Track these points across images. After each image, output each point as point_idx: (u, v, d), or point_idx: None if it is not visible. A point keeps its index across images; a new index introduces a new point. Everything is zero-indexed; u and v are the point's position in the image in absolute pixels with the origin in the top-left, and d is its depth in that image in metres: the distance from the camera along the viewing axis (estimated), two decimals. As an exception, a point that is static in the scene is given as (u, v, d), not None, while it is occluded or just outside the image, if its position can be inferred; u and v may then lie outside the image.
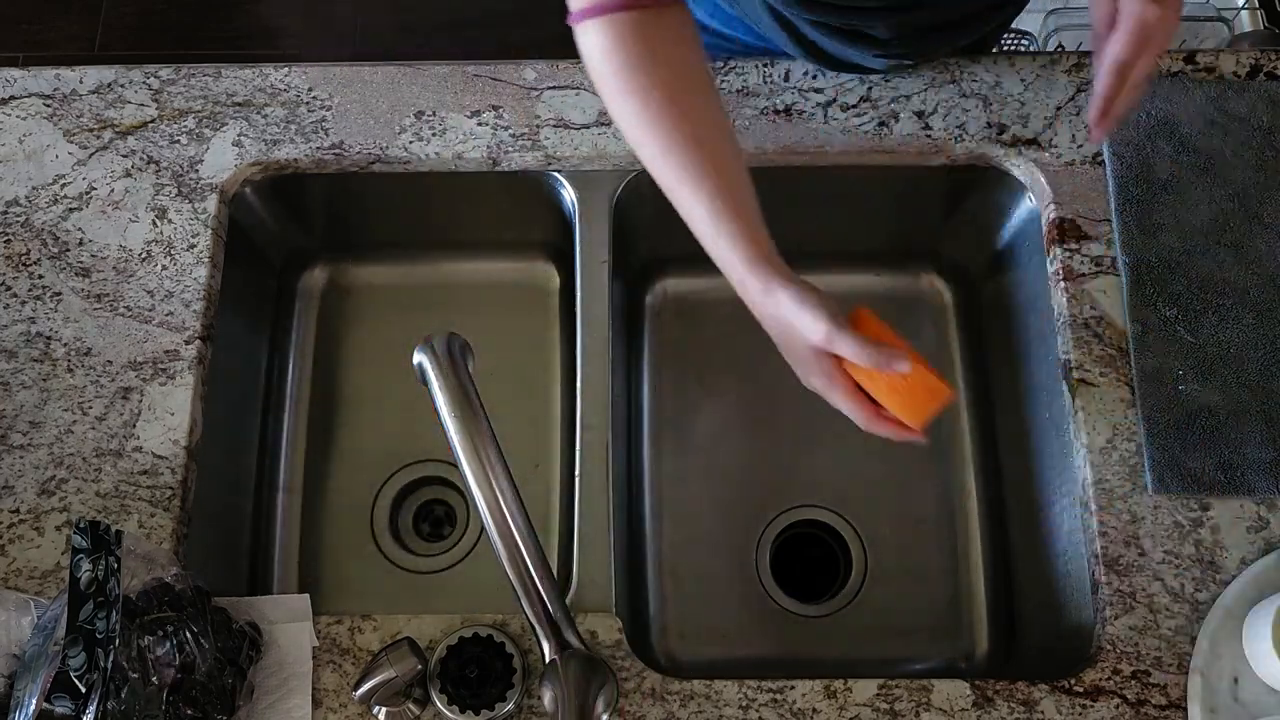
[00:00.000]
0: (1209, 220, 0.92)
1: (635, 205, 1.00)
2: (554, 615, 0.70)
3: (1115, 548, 0.83)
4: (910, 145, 0.96)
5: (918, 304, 1.13)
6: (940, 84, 0.98)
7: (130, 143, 0.97)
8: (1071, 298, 0.90)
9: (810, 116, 0.97)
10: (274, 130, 0.97)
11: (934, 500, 1.06)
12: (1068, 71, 0.98)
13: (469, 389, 0.67)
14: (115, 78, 0.99)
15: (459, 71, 0.99)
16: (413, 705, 0.78)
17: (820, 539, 1.07)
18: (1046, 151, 0.95)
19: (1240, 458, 0.85)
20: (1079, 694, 0.79)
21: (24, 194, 0.95)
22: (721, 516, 1.06)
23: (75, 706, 0.66)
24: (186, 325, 0.91)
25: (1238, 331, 0.88)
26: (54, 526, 0.85)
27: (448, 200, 1.04)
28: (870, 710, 0.79)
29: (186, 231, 0.94)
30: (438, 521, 1.08)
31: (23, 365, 0.90)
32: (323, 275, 1.13)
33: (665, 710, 0.80)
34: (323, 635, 0.82)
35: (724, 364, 1.11)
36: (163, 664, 0.72)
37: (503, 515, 0.66)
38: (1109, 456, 0.86)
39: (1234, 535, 0.83)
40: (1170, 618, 0.81)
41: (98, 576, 0.69)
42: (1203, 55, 0.98)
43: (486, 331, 1.09)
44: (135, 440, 0.87)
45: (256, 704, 0.79)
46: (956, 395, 0.89)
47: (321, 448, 1.08)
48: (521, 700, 0.79)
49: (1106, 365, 0.88)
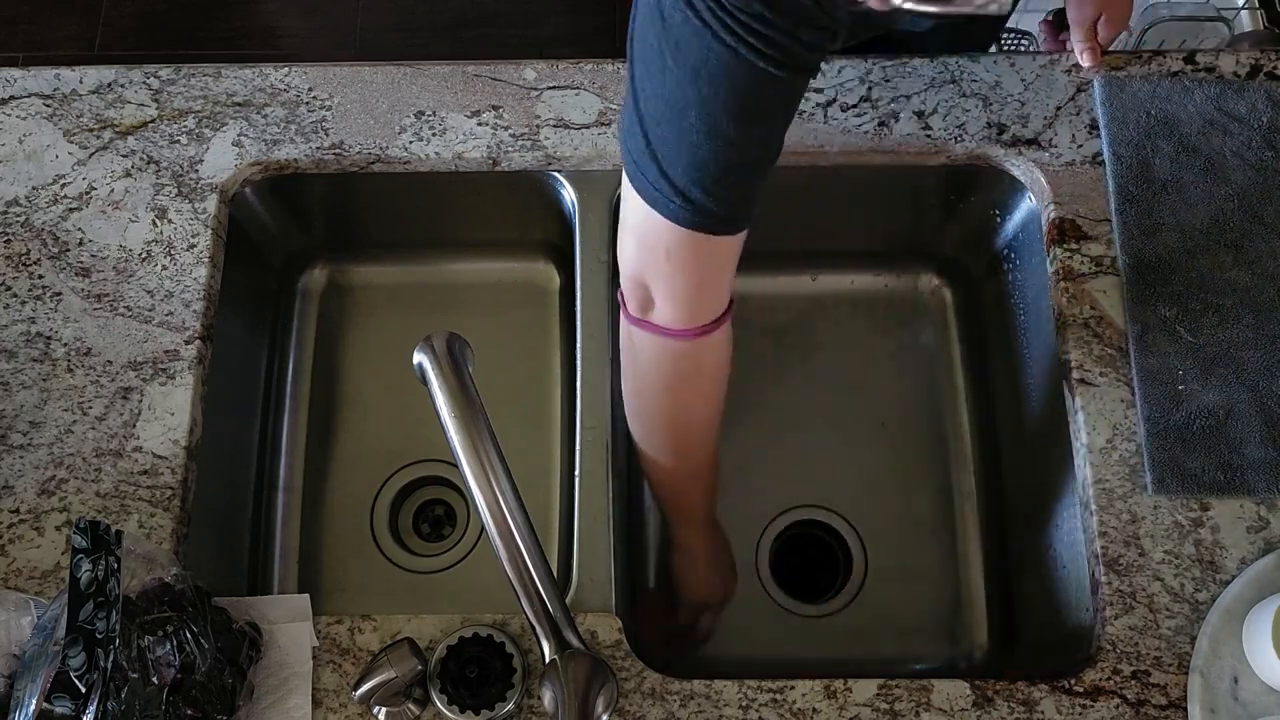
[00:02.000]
0: (1209, 220, 0.92)
1: (635, 205, 1.00)
2: (554, 615, 0.70)
3: (1115, 548, 0.83)
4: (910, 145, 0.96)
5: (918, 304, 1.13)
6: (940, 84, 0.98)
7: (130, 143, 0.97)
8: (1071, 298, 0.90)
9: (810, 116, 0.97)
10: (274, 130, 0.97)
11: (934, 500, 1.06)
12: (1068, 71, 0.98)
13: (469, 389, 0.67)
14: (115, 78, 0.99)
15: (459, 71, 0.99)
16: (413, 705, 0.78)
17: (820, 539, 1.07)
18: (1046, 151, 0.95)
19: (1240, 458, 0.85)
20: (1079, 694, 0.79)
21: (24, 194, 0.95)
22: (722, 516, 1.06)
23: (75, 706, 0.66)
24: (186, 325, 0.91)
25: (1238, 331, 0.88)
26: (54, 526, 0.85)
27: (448, 200, 1.04)
28: (870, 710, 0.79)
29: (186, 231, 0.94)
30: (438, 521, 1.08)
31: (23, 365, 0.90)
32: (323, 275, 1.13)
33: (665, 710, 0.80)
34: (323, 635, 0.82)
35: (724, 364, 1.11)
36: (163, 664, 0.72)
37: (503, 515, 0.66)
38: (1109, 456, 0.86)
39: (1234, 535, 0.83)
40: (1170, 618, 0.81)
41: (98, 576, 0.69)
42: (1203, 55, 0.98)
43: (486, 331, 1.09)
44: (135, 440, 0.87)
45: (256, 704, 0.79)
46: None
47: (321, 448, 1.08)
48: (521, 700, 0.79)
49: (1106, 365, 0.88)
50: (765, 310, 1.13)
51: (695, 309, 0.75)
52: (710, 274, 0.74)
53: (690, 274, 0.72)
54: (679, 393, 0.81)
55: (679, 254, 0.70)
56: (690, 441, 0.86)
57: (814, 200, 1.03)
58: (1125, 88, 0.96)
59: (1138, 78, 0.96)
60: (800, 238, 1.11)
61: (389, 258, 1.13)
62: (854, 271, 1.14)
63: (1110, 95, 0.96)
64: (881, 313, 1.13)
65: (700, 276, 0.73)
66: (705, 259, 0.72)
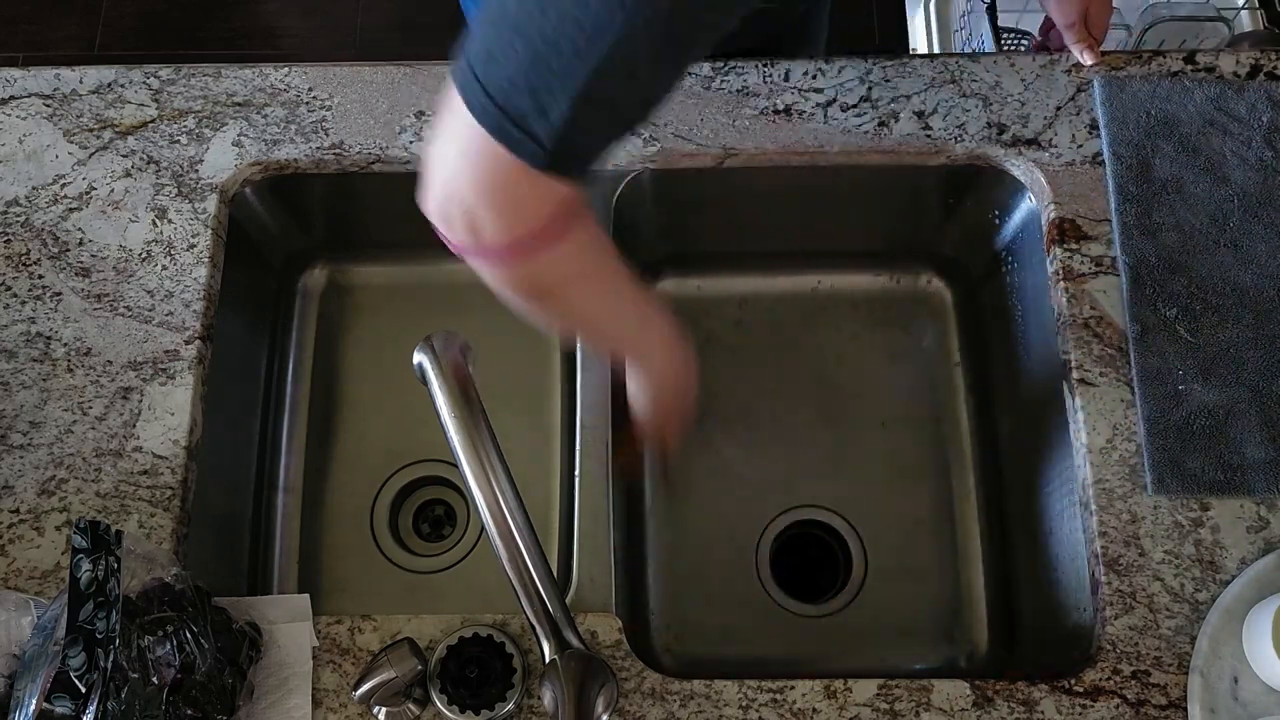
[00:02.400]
0: (1209, 220, 0.92)
1: (635, 205, 1.00)
2: (554, 615, 0.70)
3: (1115, 548, 0.83)
4: (910, 145, 0.96)
5: (918, 304, 1.13)
6: (940, 84, 0.98)
7: (130, 143, 0.97)
8: (1071, 298, 0.90)
9: (810, 116, 0.97)
10: (274, 130, 0.97)
11: (934, 500, 1.06)
12: (1068, 71, 0.98)
13: (469, 389, 0.67)
14: (115, 78, 0.99)
15: (459, 71, 0.99)
16: (413, 705, 0.78)
17: (820, 539, 1.07)
18: (1046, 151, 0.95)
19: (1240, 458, 0.85)
20: (1079, 694, 0.79)
21: (24, 194, 0.95)
22: (721, 516, 1.06)
23: (75, 706, 0.66)
24: (186, 325, 0.91)
25: (1238, 331, 0.88)
26: (54, 526, 0.85)
27: (448, 200, 1.04)
28: (870, 710, 0.79)
29: (186, 231, 0.94)
30: (438, 521, 1.08)
31: (23, 365, 0.90)
32: (323, 275, 1.13)
33: (665, 710, 0.80)
34: (323, 635, 0.82)
35: (724, 363, 1.11)
36: (163, 664, 0.72)
37: (503, 515, 0.66)
38: (1109, 456, 0.86)
39: (1234, 535, 0.83)
40: (1170, 618, 0.81)
41: (98, 576, 0.69)
42: (1203, 55, 0.98)
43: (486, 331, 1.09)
44: (135, 440, 0.87)
45: (256, 704, 0.79)
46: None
47: (321, 448, 1.08)
48: (521, 700, 0.79)
49: (1106, 365, 0.88)
50: (765, 310, 1.13)
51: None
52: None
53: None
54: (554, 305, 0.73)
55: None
56: (602, 323, 0.78)
57: (814, 200, 1.03)
58: (1125, 88, 0.96)
59: (1138, 78, 0.96)
60: (800, 238, 1.11)
61: (389, 258, 1.13)
62: (854, 271, 1.14)
63: (1110, 95, 0.96)
64: (881, 313, 1.13)
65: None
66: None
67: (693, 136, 0.96)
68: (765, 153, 0.96)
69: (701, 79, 0.98)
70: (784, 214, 1.06)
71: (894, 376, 1.10)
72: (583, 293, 0.73)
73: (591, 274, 0.72)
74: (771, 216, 1.07)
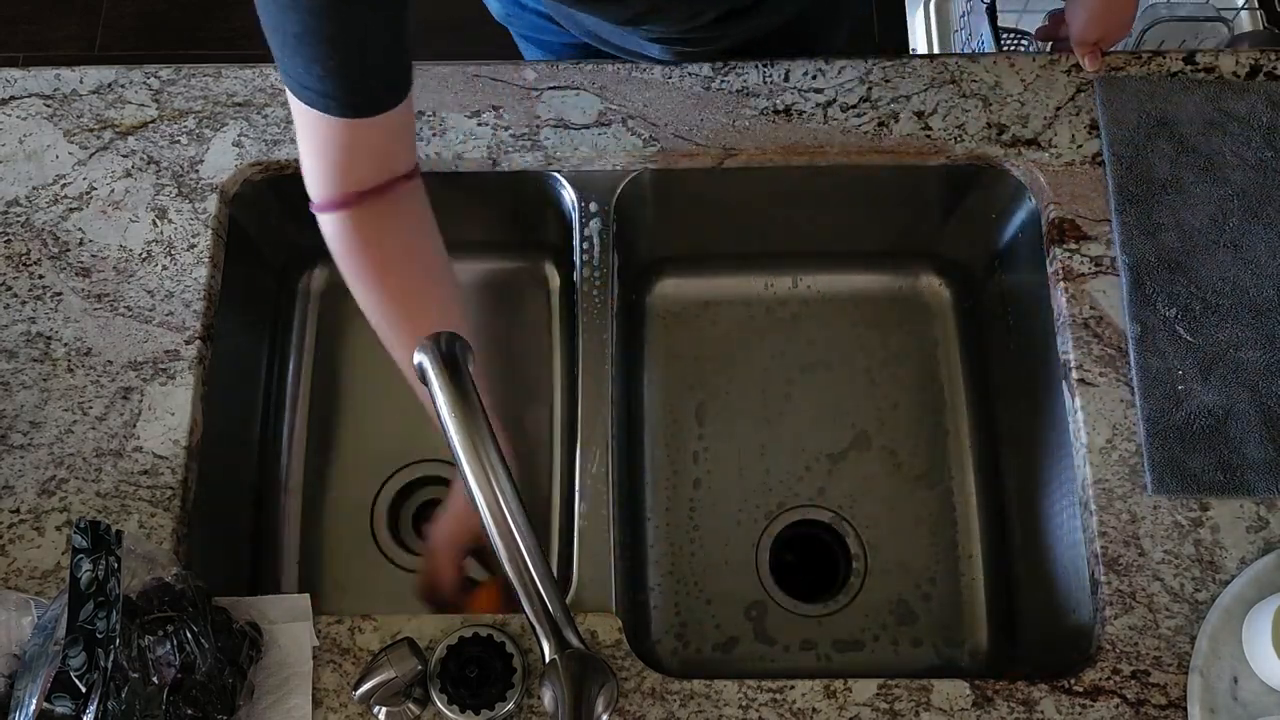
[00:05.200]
0: (1209, 220, 0.92)
1: (635, 205, 1.00)
2: (554, 615, 0.70)
3: (1115, 548, 0.83)
4: (910, 145, 0.96)
5: (918, 304, 1.13)
6: (940, 84, 0.98)
7: (130, 143, 0.97)
8: (1071, 298, 0.90)
9: (810, 116, 0.97)
10: (274, 130, 0.97)
11: (934, 500, 1.06)
12: (1067, 72, 0.98)
13: (469, 389, 0.67)
14: (115, 78, 0.99)
15: (459, 71, 0.99)
16: (413, 705, 0.78)
17: (820, 539, 1.07)
18: (1046, 151, 0.95)
19: (1240, 458, 0.85)
20: (1079, 694, 0.79)
21: (24, 194, 0.95)
22: (721, 516, 1.06)
23: (75, 706, 0.66)
24: (186, 325, 0.91)
25: (1238, 331, 0.88)
26: (54, 526, 0.85)
27: (447, 200, 1.04)
28: (870, 710, 0.79)
29: (187, 231, 0.94)
30: (438, 521, 1.08)
31: (23, 365, 0.90)
32: (323, 275, 1.13)
33: (665, 710, 0.80)
34: (323, 635, 0.82)
35: (724, 364, 1.11)
36: (163, 664, 0.72)
37: (503, 515, 0.66)
38: (1109, 456, 0.86)
39: (1234, 535, 0.83)
40: (1170, 618, 0.81)
41: (98, 576, 0.69)
42: (1203, 55, 0.98)
43: (486, 331, 1.09)
44: (135, 440, 0.87)
45: (256, 704, 0.79)
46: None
47: (321, 448, 1.08)
48: (521, 700, 0.79)
49: (1106, 365, 0.88)
50: (765, 310, 1.13)
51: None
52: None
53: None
54: (365, 289, 0.86)
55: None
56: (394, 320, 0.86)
57: (814, 200, 1.03)
58: (1125, 88, 0.96)
59: (1137, 78, 0.96)
60: (800, 238, 1.11)
61: (389, 258, 1.13)
62: (854, 271, 1.14)
63: (1110, 95, 0.96)
64: (881, 313, 1.13)
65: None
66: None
67: (693, 136, 0.96)
68: (765, 153, 0.96)
69: (701, 79, 0.98)
70: (784, 214, 1.06)
71: (894, 376, 1.10)
72: (375, 265, 0.84)
73: (390, 248, 0.84)
74: (771, 216, 1.07)
